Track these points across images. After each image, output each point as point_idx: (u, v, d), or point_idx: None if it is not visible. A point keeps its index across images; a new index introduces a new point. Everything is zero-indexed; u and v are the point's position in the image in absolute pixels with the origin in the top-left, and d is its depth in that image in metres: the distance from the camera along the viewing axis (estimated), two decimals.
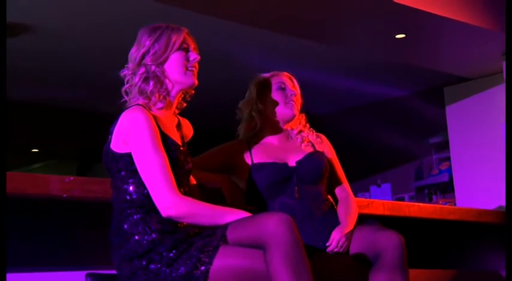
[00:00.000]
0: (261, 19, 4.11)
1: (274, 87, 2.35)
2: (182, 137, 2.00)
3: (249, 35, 4.54)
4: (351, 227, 2.19)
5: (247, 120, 2.35)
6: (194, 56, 1.96)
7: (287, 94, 2.34)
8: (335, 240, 2.14)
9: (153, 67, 1.92)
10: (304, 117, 2.40)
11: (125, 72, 1.96)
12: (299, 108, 2.37)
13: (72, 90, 5.75)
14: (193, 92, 2.01)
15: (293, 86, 2.37)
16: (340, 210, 2.28)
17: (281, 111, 2.33)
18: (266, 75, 2.40)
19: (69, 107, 6.22)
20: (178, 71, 1.94)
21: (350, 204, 2.30)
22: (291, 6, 3.94)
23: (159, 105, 1.93)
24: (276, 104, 2.33)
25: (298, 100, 2.37)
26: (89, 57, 5.00)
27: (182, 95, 2.00)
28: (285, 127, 2.36)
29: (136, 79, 1.92)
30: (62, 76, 5.38)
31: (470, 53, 4.93)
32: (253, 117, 2.33)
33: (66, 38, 4.60)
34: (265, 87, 2.35)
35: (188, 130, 2.05)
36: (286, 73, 2.41)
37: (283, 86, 2.35)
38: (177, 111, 2.02)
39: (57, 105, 6.16)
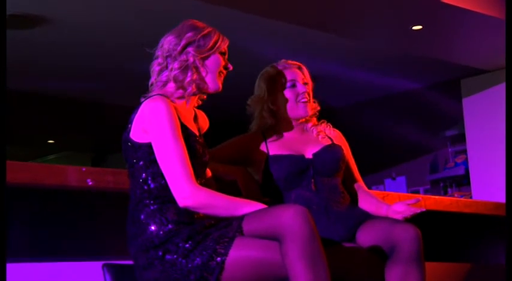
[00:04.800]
0: (277, 10, 4.09)
1: (284, 84, 2.28)
2: (199, 129, 2.01)
3: (265, 27, 4.53)
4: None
5: (258, 118, 2.31)
6: (230, 65, 2.00)
7: (298, 92, 2.27)
8: (409, 210, 2.15)
9: (194, 58, 1.93)
10: (314, 119, 2.35)
11: (159, 53, 1.95)
12: (312, 103, 2.31)
13: (88, 82, 5.77)
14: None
15: (303, 79, 2.30)
16: (368, 199, 2.29)
17: (293, 111, 2.28)
18: (275, 68, 2.31)
19: (85, 99, 6.25)
20: (213, 72, 1.96)
21: (372, 194, 2.34)
22: None
23: (180, 94, 1.93)
24: (288, 103, 2.27)
25: (310, 94, 2.31)
26: (105, 50, 5.00)
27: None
28: (298, 122, 2.33)
29: (176, 65, 1.92)
30: (78, 68, 5.40)
31: (487, 45, 4.88)
32: (264, 117, 2.30)
33: (82, 30, 4.61)
34: (275, 84, 2.28)
35: (204, 123, 2.06)
36: (295, 63, 2.33)
37: (294, 83, 2.28)
38: (195, 105, 2.02)
39: (73, 97, 6.19)
